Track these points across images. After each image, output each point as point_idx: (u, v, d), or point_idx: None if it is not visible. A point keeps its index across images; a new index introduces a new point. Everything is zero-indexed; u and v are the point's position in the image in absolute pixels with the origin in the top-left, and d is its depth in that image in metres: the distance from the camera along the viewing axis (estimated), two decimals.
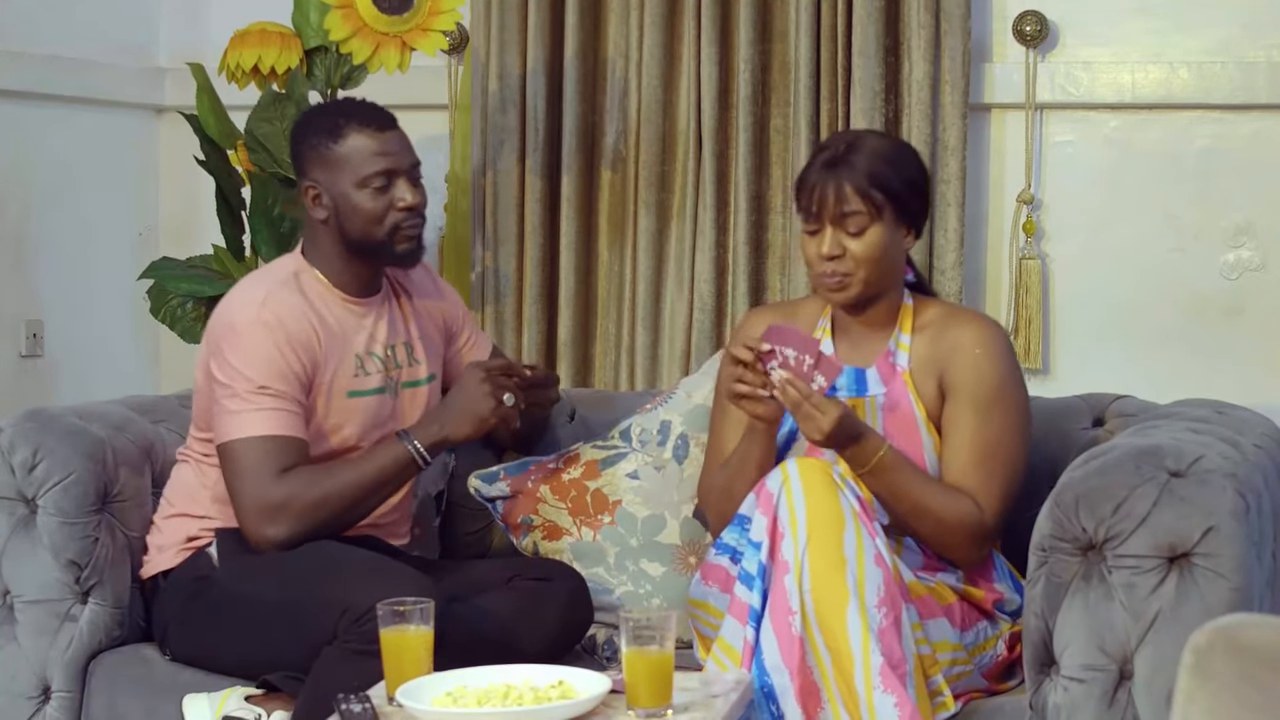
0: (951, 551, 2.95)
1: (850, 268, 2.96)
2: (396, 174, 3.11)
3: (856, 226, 2.95)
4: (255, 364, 3.01)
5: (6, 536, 3.12)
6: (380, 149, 3.10)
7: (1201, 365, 3.86)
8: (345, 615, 2.80)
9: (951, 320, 3.04)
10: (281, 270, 3.16)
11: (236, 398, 3.01)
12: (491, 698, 2.45)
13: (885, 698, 2.64)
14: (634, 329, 4.03)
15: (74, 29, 4.26)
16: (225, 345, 3.04)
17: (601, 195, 4.06)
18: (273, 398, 3.01)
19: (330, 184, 3.11)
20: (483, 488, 3.33)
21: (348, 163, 3.10)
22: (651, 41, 3.99)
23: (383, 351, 3.16)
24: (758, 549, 2.74)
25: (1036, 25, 3.89)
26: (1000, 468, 2.95)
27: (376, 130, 3.11)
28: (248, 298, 3.09)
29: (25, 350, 4.15)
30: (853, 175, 2.95)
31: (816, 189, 2.96)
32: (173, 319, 3.99)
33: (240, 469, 3.00)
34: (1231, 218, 3.86)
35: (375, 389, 3.14)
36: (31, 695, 3.12)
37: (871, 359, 3.04)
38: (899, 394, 3.00)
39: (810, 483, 2.74)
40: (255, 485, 2.98)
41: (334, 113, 3.15)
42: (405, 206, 3.10)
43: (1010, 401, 2.99)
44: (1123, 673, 2.65)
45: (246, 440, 3.00)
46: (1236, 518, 2.62)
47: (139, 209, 4.49)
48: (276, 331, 3.03)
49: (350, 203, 3.10)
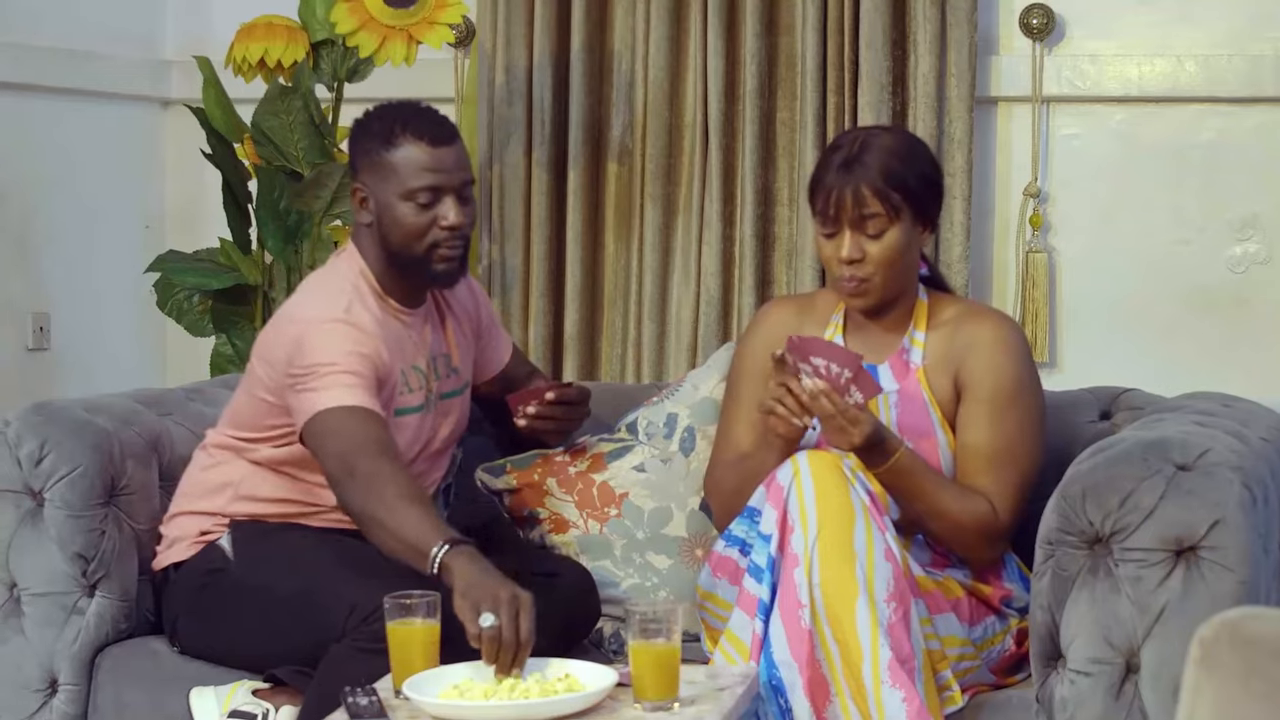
0: (965, 551, 2.94)
1: (869, 272, 2.93)
2: (444, 191, 3.00)
3: (876, 229, 2.91)
4: (340, 353, 2.91)
5: (13, 529, 3.12)
6: (431, 164, 2.99)
7: (1208, 358, 3.86)
8: (354, 613, 2.79)
9: (968, 317, 3.02)
10: (347, 276, 3.06)
11: (318, 377, 2.90)
12: (498, 691, 2.46)
13: (893, 692, 2.63)
14: (640, 322, 4.03)
15: (80, 22, 4.26)
16: (307, 340, 2.94)
17: (608, 188, 4.06)
18: (355, 376, 2.90)
19: (377, 190, 3.01)
20: (489, 481, 3.33)
21: (396, 173, 2.99)
22: (658, 35, 3.99)
23: (425, 365, 3.09)
24: (767, 542, 2.74)
25: (1043, 18, 3.88)
26: (1015, 467, 2.95)
27: (430, 144, 2.99)
28: (331, 304, 2.99)
29: (32, 343, 4.15)
30: (869, 177, 2.90)
31: (834, 192, 2.92)
32: (179, 312, 4.00)
33: (326, 440, 2.86)
34: (1238, 210, 3.86)
35: (417, 407, 3.07)
36: (38, 688, 3.12)
37: (885, 355, 3.02)
38: (913, 391, 2.99)
39: (821, 476, 2.74)
40: (342, 452, 2.83)
41: (392, 118, 3.03)
42: (448, 226, 3.00)
43: (1027, 401, 2.98)
44: (1129, 666, 2.65)
45: (329, 411, 2.87)
46: (1243, 510, 2.62)
47: (145, 202, 4.49)
48: (359, 335, 2.95)
49: (393, 213, 3.00)
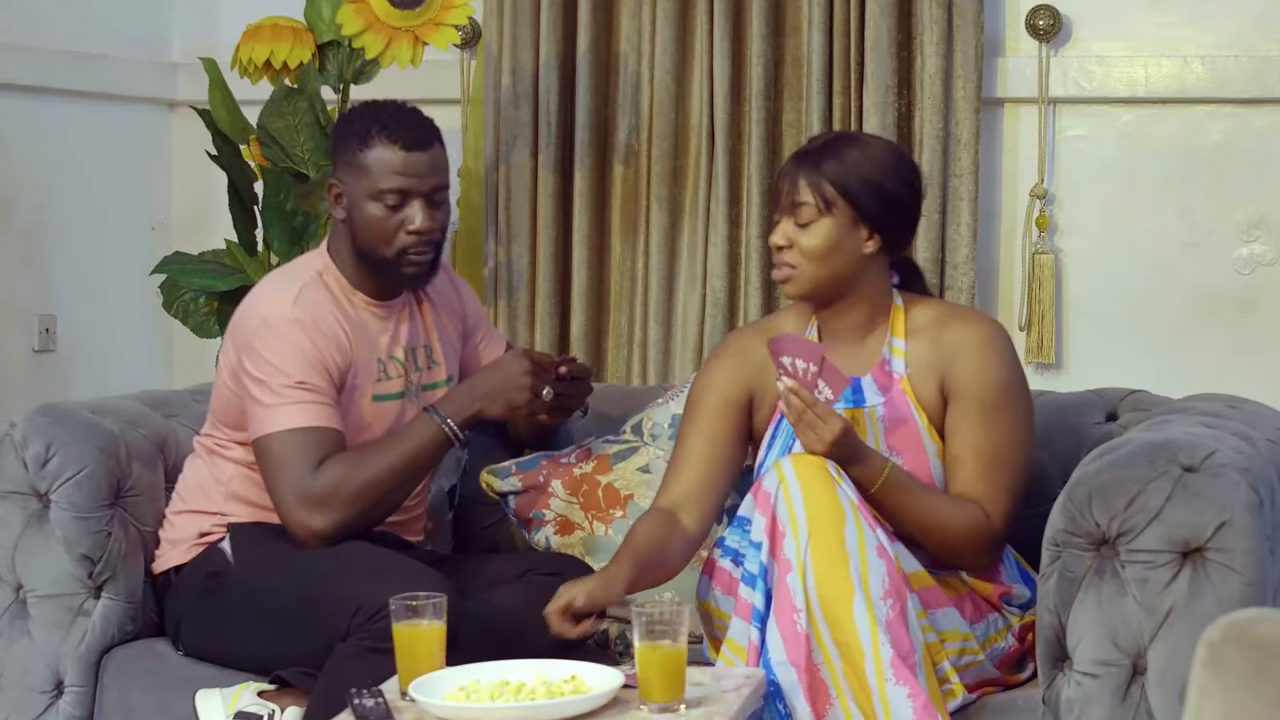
0: (960, 560, 2.92)
1: (795, 260, 2.95)
2: (412, 195, 3.04)
3: (805, 219, 2.94)
4: (291, 358, 2.98)
5: (20, 531, 3.12)
6: (401, 168, 3.03)
7: (1215, 359, 3.86)
8: (359, 613, 2.79)
9: (951, 321, 2.99)
10: (307, 269, 3.12)
11: (271, 392, 2.98)
12: (504, 692, 2.46)
13: (898, 689, 2.63)
14: (646, 323, 4.03)
15: (87, 24, 4.26)
16: (258, 341, 3.00)
17: (614, 190, 4.06)
18: (308, 391, 2.98)
19: (350, 188, 3.07)
20: (495, 483, 3.33)
21: (368, 173, 3.04)
22: (664, 36, 3.99)
23: (403, 355, 3.13)
24: (758, 549, 2.73)
25: (1049, 19, 3.88)
26: (1006, 472, 2.93)
27: (404, 148, 3.03)
28: (279, 295, 3.05)
29: (38, 345, 4.15)
30: (809, 169, 2.96)
31: (780, 179, 3.01)
32: (185, 313, 4.00)
33: (279, 462, 2.96)
34: (1245, 212, 3.86)
35: (396, 394, 3.12)
36: (44, 690, 3.12)
37: (865, 368, 2.99)
38: (898, 402, 2.96)
39: (807, 479, 2.73)
40: (296, 478, 2.95)
41: (371, 118, 3.07)
42: (414, 230, 3.04)
43: (1016, 404, 2.96)
44: (1136, 667, 2.65)
45: (284, 433, 2.96)
46: (1250, 512, 2.62)
47: (151, 203, 4.49)
48: (310, 328, 3.00)
49: (362, 212, 3.05)
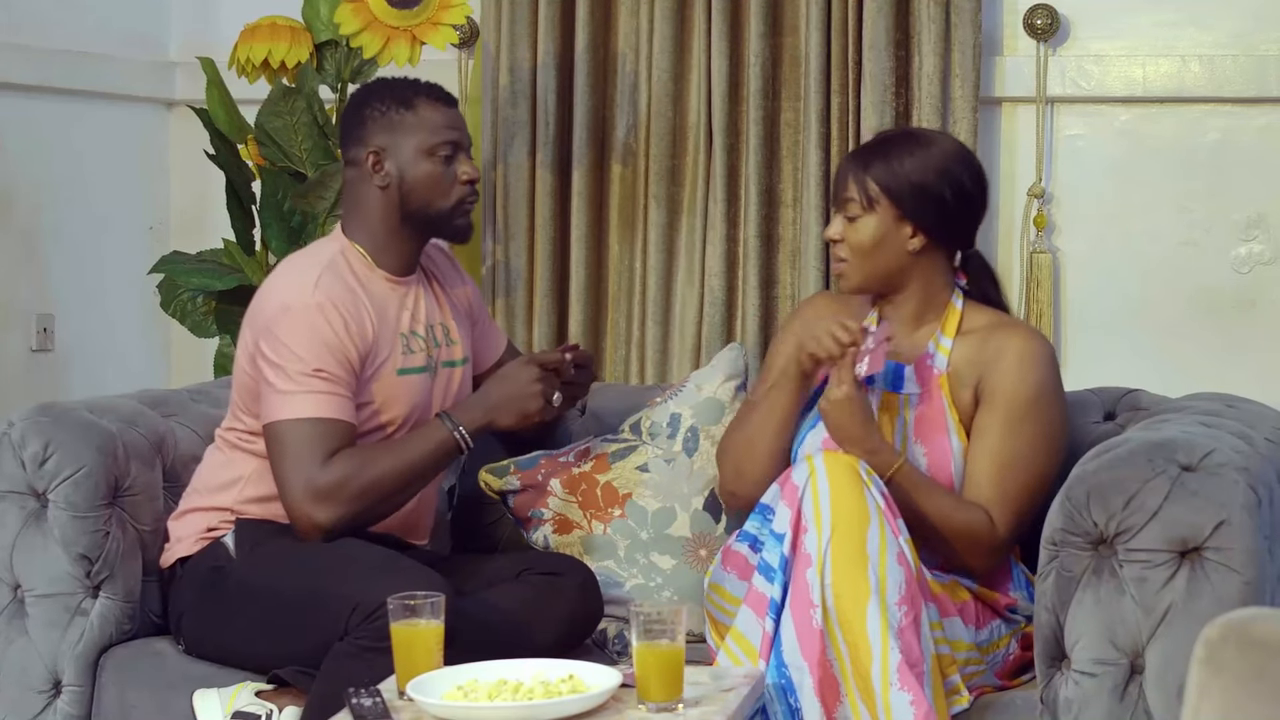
0: (958, 559, 2.93)
1: (845, 254, 3.03)
2: (460, 148, 3.14)
3: (852, 214, 3.02)
4: (310, 344, 2.98)
5: (17, 530, 3.12)
6: (448, 122, 3.13)
7: (1213, 359, 3.86)
8: (356, 612, 2.79)
9: (999, 329, 3.03)
10: (325, 252, 3.12)
11: (287, 378, 2.97)
12: (502, 692, 2.45)
13: (901, 695, 2.63)
14: (644, 323, 4.03)
15: (85, 23, 4.26)
16: (277, 325, 3.00)
17: (612, 189, 4.06)
18: (325, 380, 2.97)
19: (396, 150, 3.10)
20: (493, 481, 3.33)
21: (418, 131, 3.11)
22: (662, 35, 3.99)
23: (424, 331, 3.15)
24: (780, 541, 2.73)
25: (1047, 18, 3.88)
26: (1020, 481, 2.93)
27: (445, 105, 3.14)
28: (300, 280, 3.05)
29: (36, 344, 4.15)
30: (857, 167, 3.02)
31: (837, 174, 3.08)
32: (183, 313, 4.00)
33: (288, 450, 2.96)
34: (1243, 211, 3.86)
35: (420, 367, 3.13)
36: (42, 689, 3.12)
37: (910, 358, 3.03)
38: (934, 396, 2.99)
39: (836, 478, 2.74)
40: (303, 468, 2.94)
41: (403, 86, 3.16)
42: (469, 179, 3.12)
43: (1043, 416, 2.97)
44: (1134, 667, 2.65)
45: (296, 422, 2.96)
46: (1248, 511, 2.62)
47: (149, 203, 4.49)
48: (331, 314, 3.00)
49: (416, 170, 3.10)
